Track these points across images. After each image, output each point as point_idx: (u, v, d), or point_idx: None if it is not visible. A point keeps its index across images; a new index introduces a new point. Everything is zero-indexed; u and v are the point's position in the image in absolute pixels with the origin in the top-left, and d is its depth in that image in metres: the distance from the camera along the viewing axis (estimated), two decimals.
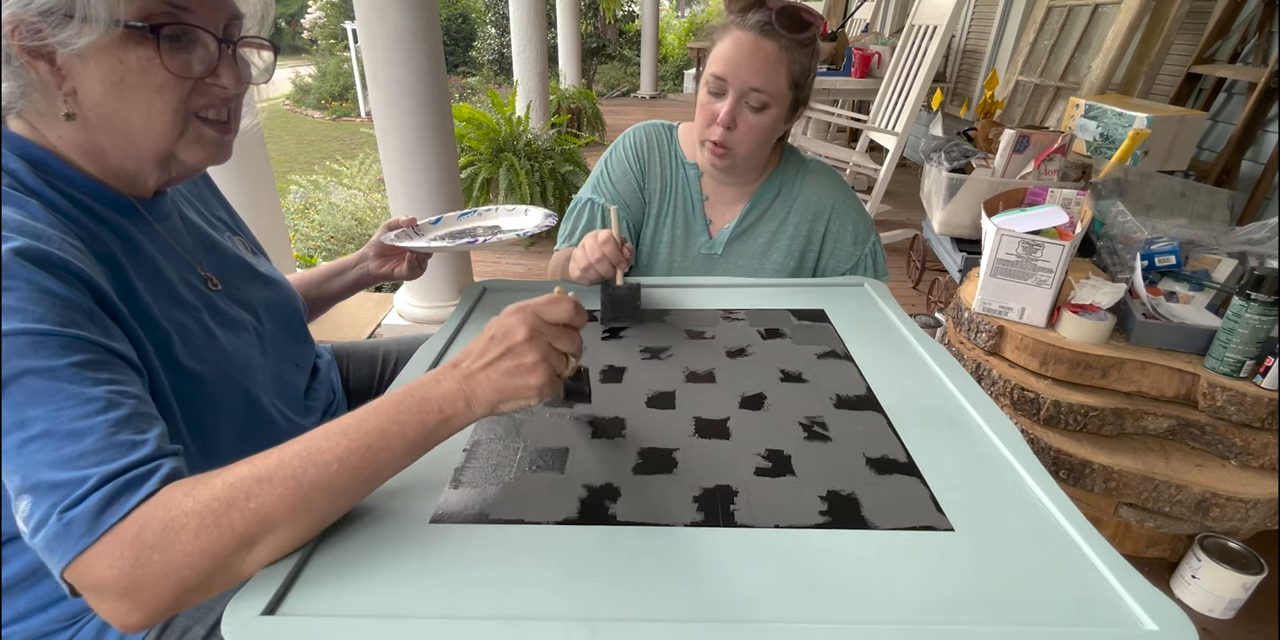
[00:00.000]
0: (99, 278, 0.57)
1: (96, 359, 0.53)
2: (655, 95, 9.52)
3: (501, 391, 0.56)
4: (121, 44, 0.58)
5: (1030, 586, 0.52)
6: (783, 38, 1.00)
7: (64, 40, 0.56)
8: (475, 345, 0.58)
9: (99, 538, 0.47)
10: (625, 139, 1.23)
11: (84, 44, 0.56)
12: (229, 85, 0.65)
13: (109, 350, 0.54)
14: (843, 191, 1.20)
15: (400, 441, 0.54)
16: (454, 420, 0.56)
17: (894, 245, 3.35)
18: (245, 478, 0.50)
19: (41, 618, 0.66)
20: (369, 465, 0.53)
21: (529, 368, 0.56)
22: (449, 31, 12.01)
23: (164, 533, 0.47)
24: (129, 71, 0.59)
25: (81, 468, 0.48)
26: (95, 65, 0.58)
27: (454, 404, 0.55)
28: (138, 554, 0.47)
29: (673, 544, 0.56)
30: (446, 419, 0.55)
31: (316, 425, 0.55)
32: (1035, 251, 1.33)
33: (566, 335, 0.59)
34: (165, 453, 0.52)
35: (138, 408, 0.53)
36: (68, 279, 0.54)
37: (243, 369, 0.72)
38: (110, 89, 0.59)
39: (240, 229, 0.89)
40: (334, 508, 0.54)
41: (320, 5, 15.67)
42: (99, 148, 0.63)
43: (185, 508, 0.48)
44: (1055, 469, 1.33)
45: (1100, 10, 2.99)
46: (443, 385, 0.56)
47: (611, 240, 0.96)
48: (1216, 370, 1.25)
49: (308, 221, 3.47)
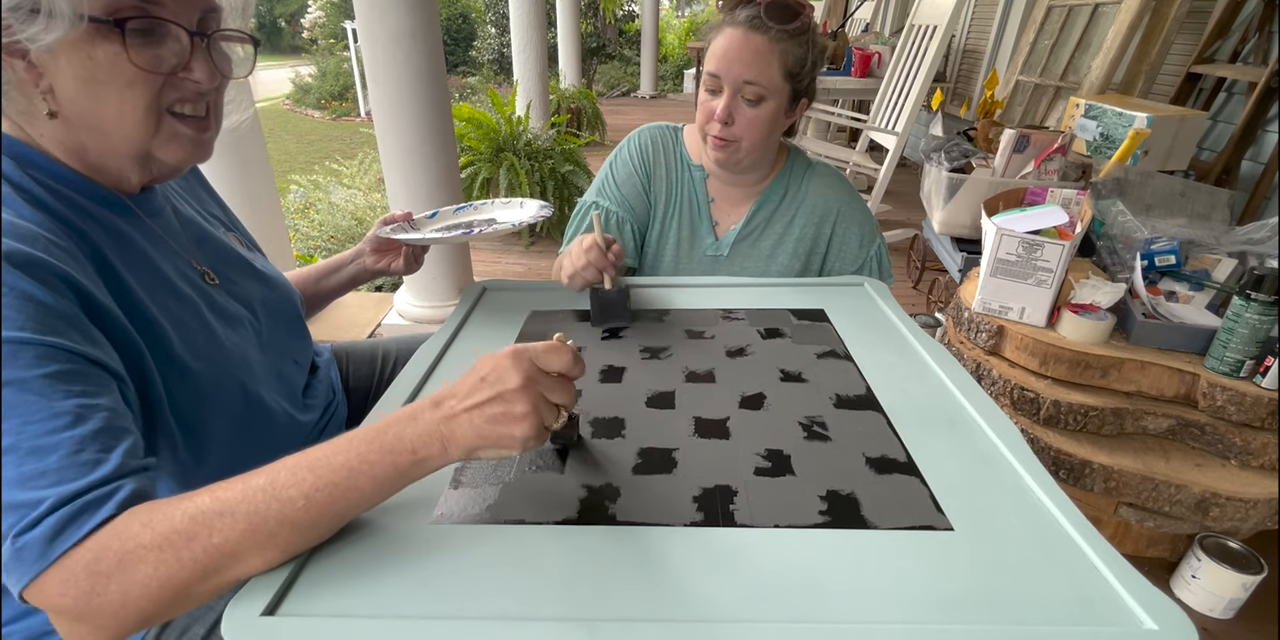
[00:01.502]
0: (86, 279, 0.57)
1: (72, 369, 0.52)
2: (655, 95, 9.52)
3: (483, 438, 0.53)
4: (89, 39, 0.57)
5: (1030, 586, 0.52)
6: (772, 29, 1.01)
7: (32, 36, 0.55)
8: (463, 384, 0.55)
9: (51, 564, 0.46)
10: (630, 141, 1.24)
11: (51, 40, 0.55)
12: (202, 79, 0.63)
13: (87, 359, 0.53)
14: (849, 194, 1.20)
15: (369, 481, 0.52)
16: (428, 462, 0.53)
17: (894, 245, 3.35)
18: (208, 510, 0.49)
19: (41, 617, 0.66)
20: (336, 503, 0.51)
21: (516, 418, 0.52)
22: (449, 31, 12.00)
23: (120, 564, 0.46)
24: (98, 67, 0.58)
25: (39, 488, 0.47)
26: (66, 61, 0.57)
27: (429, 446, 0.53)
28: (93, 584, 0.46)
29: (673, 544, 0.56)
30: (420, 461, 0.53)
31: (316, 422, 0.54)
32: (1035, 251, 1.33)
33: (561, 386, 0.55)
34: (129, 471, 0.51)
35: (109, 421, 0.52)
36: (52, 283, 0.53)
37: (240, 364, 0.72)
38: (82, 85, 0.59)
39: (235, 225, 0.89)
40: (303, 541, 0.52)
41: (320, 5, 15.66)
42: (80, 145, 0.62)
43: (143, 541, 0.47)
44: (1055, 469, 1.33)
45: (1100, 10, 2.99)
46: (419, 424, 0.53)
47: (595, 246, 0.97)
48: (1216, 370, 1.25)
49: (308, 221, 3.47)
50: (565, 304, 1.03)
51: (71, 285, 0.55)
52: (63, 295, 0.54)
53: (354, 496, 0.52)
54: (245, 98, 0.79)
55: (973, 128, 2.62)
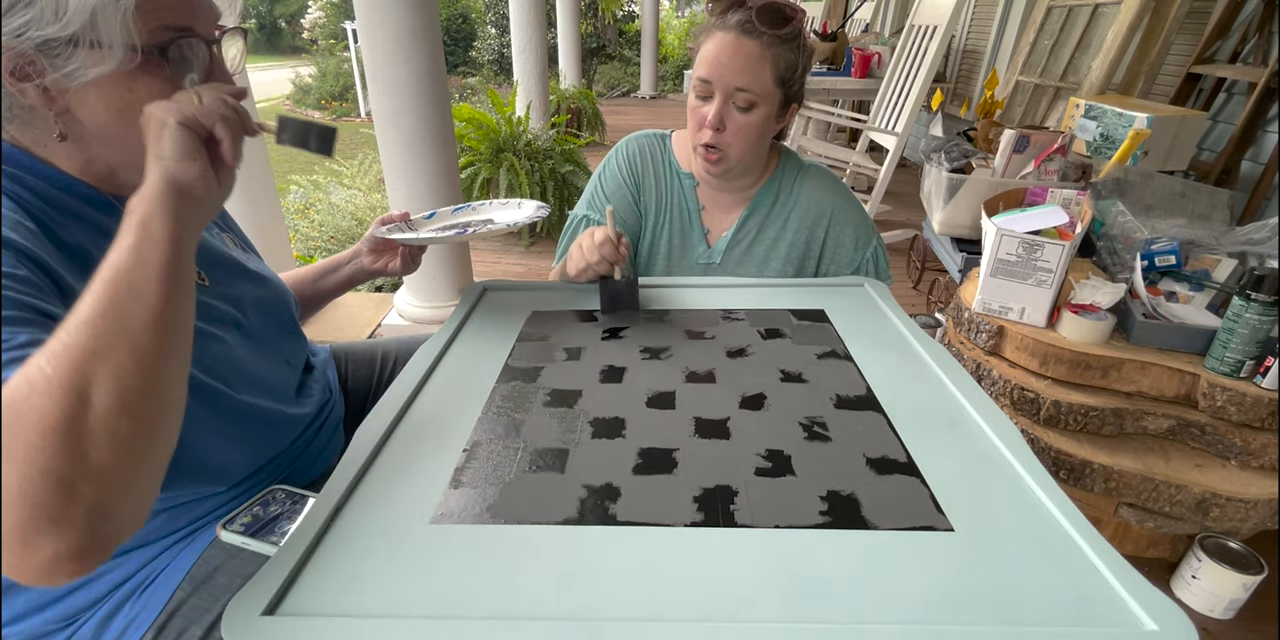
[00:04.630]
0: (55, 261, 0.56)
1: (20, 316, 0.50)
2: (655, 95, 9.52)
3: (162, 160, 0.52)
4: (130, 72, 0.57)
5: (1030, 587, 0.52)
6: (764, 35, 0.99)
7: (71, 73, 0.54)
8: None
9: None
10: (618, 152, 1.23)
11: (95, 75, 0.54)
12: None
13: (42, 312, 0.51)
14: (842, 196, 1.18)
15: (138, 273, 0.48)
16: (150, 223, 0.50)
17: (894, 245, 3.35)
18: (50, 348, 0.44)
19: (40, 618, 0.67)
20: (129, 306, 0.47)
21: (169, 130, 0.52)
22: (449, 31, 12.01)
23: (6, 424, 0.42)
24: (137, 99, 0.57)
25: None
26: (99, 93, 0.57)
27: (136, 209, 0.50)
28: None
29: (673, 544, 0.56)
30: (143, 222, 0.50)
31: (312, 420, 0.54)
32: (1035, 251, 1.33)
33: (207, 93, 0.55)
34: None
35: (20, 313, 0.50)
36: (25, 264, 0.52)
37: (223, 365, 0.71)
38: (116, 115, 0.58)
39: (229, 226, 0.89)
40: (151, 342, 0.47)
41: (320, 5, 15.67)
42: (87, 158, 0.62)
43: (11, 386, 0.43)
44: (1055, 469, 1.33)
45: (1100, 10, 2.99)
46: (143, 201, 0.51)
47: (609, 240, 0.97)
48: (1216, 370, 1.25)
49: (308, 221, 3.47)
50: (566, 304, 1.03)
51: (42, 267, 0.54)
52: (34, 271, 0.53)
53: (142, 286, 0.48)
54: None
55: (973, 128, 2.62)
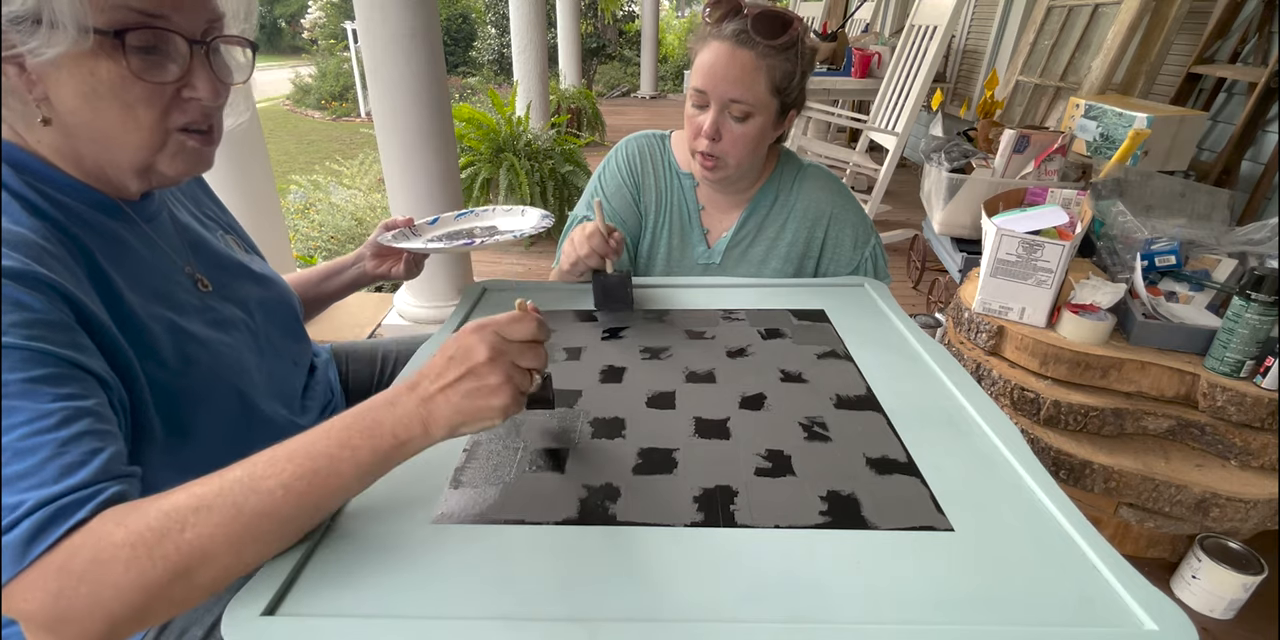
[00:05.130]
0: (77, 288, 0.56)
1: (59, 373, 0.51)
2: (655, 95, 9.53)
3: (462, 413, 0.54)
4: (92, 55, 0.56)
5: (1030, 586, 0.52)
6: (759, 45, 0.98)
7: (34, 49, 0.54)
8: (433, 366, 0.55)
9: (26, 567, 0.45)
10: (618, 152, 1.23)
11: (53, 53, 0.54)
12: (205, 96, 0.63)
13: (74, 364, 0.53)
14: (841, 196, 1.19)
15: (351, 467, 0.52)
16: (409, 445, 0.54)
17: (894, 245, 3.35)
18: (181, 507, 0.48)
19: None
20: (316, 492, 0.51)
21: (492, 389, 0.54)
22: (449, 31, 12.01)
23: (92, 564, 0.45)
24: (100, 83, 0.57)
25: (20, 491, 0.46)
26: (68, 74, 0.57)
27: (410, 428, 0.53)
28: (62, 585, 0.45)
29: (673, 544, 0.56)
30: (401, 444, 0.53)
31: (314, 423, 0.54)
32: (1035, 251, 1.33)
33: (530, 351, 0.56)
34: (111, 475, 0.50)
35: (93, 426, 0.51)
36: (43, 290, 0.53)
37: (234, 368, 0.71)
38: (84, 100, 0.58)
39: (232, 227, 0.89)
40: (281, 536, 0.52)
41: (320, 5, 15.68)
42: (78, 152, 0.62)
43: (115, 539, 0.46)
44: (1055, 469, 1.33)
45: (1100, 10, 2.99)
46: (398, 409, 0.54)
47: (598, 233, 0.97)
48: (1216, 370, 1.25)
49: (308, 221, 3.47)
50: (566, 304, 1.03)
51: (62, 294, 0.55)
52: (53, 302, 0.53)
53: (334, 483, 0.52)
54: (244, 100, 0.79)
55: (973, 128, 2.62)
